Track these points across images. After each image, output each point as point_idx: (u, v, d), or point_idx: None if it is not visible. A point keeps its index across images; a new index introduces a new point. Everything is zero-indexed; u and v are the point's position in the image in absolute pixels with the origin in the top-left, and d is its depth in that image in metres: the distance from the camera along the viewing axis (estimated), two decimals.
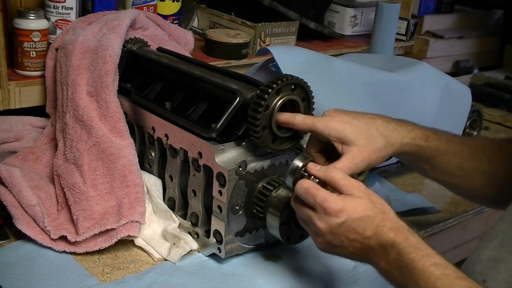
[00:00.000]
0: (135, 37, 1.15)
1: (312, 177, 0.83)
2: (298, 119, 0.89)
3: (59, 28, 1.22)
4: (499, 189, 0.97)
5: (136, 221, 0.95)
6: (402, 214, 0.86)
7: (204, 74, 1.01)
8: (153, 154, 1.05)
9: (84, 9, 1.26)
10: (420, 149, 0.94)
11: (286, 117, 0.90)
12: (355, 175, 0.87)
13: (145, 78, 1.12)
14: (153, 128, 1.03)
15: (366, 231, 0.77)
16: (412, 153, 0.94)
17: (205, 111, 0.98)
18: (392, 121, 0.93)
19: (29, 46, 1.16)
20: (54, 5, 1.21)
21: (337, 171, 0.81)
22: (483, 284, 0.77)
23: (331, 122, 0.88)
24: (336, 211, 0.77)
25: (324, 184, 0.82)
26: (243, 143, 0.92)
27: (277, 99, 0.88)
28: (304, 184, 0.81)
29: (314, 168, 0.83)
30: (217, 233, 0.92)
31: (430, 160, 0.96)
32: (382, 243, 0.76)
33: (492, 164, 0.97)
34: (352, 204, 0.77)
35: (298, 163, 0.84)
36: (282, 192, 0.90)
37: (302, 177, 0.84)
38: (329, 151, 0.91)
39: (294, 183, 0.83)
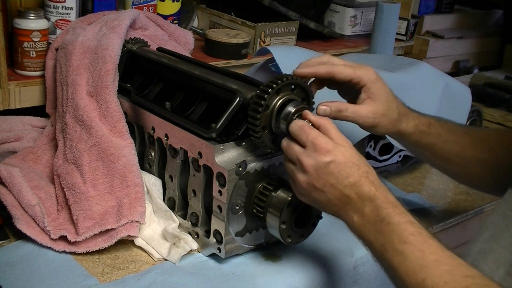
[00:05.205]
0: (135, 37, 1.15)
1: (307, 120, 0.85)
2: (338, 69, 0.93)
3: (59, 28, 1.22)
4: (498, 177, 0.99)
5: (136, 221, 0.95)
6: None
7: (204, 74, 1.01)
8: (153, 154, 1.05)
9: (84, 9, 1.26)
10: (421, 134, 0.98)
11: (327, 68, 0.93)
12: None
13: (145, 78, 1.12)
14: (153, 128, 1.03)
15: (349, 177, 0.78)
16: (413, 138, 0.98)
17: (205, 111, 0.98)
18: (405, 106, 0.99)
19: (29, 46, 1.16)
20: (54, 5, 1.21)
21: (331, 121, 0.84)
22: None
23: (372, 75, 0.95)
24: (326, 150, 0.79)
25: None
26: (243, 143, 0.92)
27: (277, 99, 0.88)
28: (299, 123, 0.84)
29: (310, 113, 0.86)
30: (217, 233, 0.92)
31: (431, 147, 1.00)
32: (361, 194, 0.78)
33: (492, 153, 0.99)
34: (342, 149, 0.80)
35: (291, 109, 0.87)
36: (282, 192, 0.90)
37: None
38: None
39: (287, 126, 0.86)
